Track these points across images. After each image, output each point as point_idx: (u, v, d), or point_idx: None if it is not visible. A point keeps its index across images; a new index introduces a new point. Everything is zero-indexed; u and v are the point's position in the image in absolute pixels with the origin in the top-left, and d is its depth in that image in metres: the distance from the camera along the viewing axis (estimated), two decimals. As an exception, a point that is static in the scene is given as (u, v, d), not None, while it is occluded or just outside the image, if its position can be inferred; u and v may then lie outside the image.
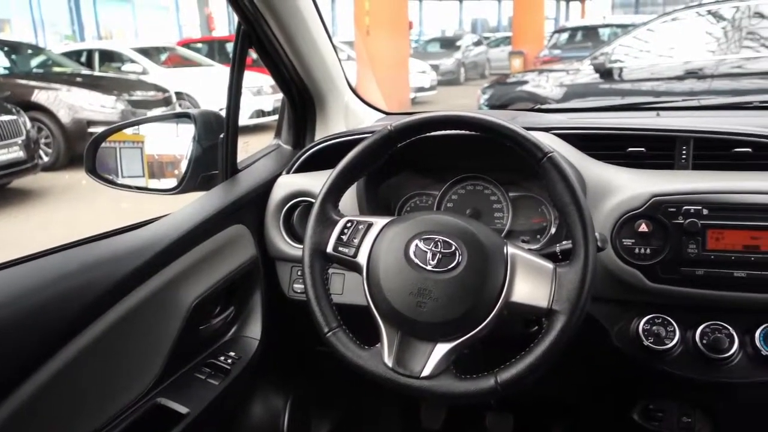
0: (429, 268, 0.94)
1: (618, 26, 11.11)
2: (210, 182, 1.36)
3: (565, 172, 0.95)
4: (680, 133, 1.21)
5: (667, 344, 1.13)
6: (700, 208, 1.09)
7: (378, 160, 1.08)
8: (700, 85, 5.21)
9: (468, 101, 10.64)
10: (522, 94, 6.31)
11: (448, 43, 17.84)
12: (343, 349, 0.98)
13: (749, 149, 1.17)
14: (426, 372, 0.93)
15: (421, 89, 12.31)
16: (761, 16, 5.41)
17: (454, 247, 0.95)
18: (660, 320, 1.15)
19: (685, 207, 1.10)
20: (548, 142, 1.18)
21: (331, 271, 1.34)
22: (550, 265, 0.94)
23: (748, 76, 5.14)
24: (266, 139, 1.63)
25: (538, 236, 1.29)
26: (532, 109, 1.72)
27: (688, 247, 1.10)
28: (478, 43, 18.45)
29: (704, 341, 1.12)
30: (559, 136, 1.25)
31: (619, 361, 1.20)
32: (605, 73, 5.77)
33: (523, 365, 0.90)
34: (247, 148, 1.55)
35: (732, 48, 5.44)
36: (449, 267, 0.94)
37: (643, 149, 1.22)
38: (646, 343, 1.14)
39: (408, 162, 1.34)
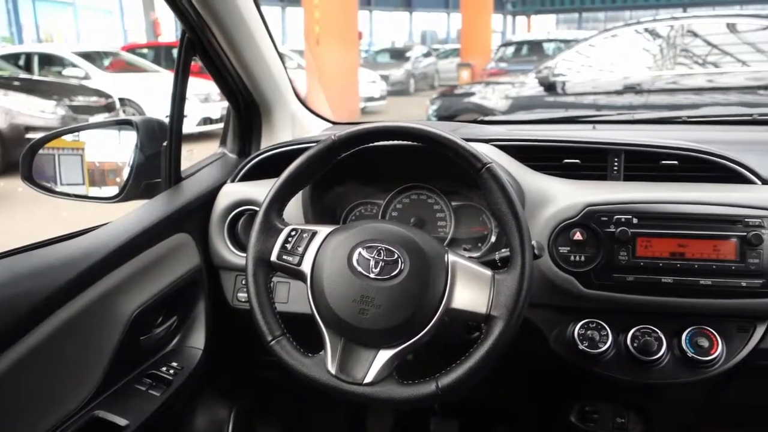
0: (372, 275, 0.96)
1: (561, 41, 11.46)
2: (153, 190, 1.34)
3: (503, 183, 0.98)
4: (612, 146, 1.26)
5: (601, 348, 1.18)
6: (630, 217, 1.15)
7: (322, 169, 1.10)
8: (638, 99, 5.42)
9: (417, 111, 10.75)
10: (469, 106, 6.42)
11: (398, 54, 17.98)
12: (286, 357, 0.99)
13: (676, 162, 1.23)
14: (369, 378, 0.95)
15: (370, 99, 12.36)
16: (694, 34, 5.67)
17: (396, 255, 0.97)
18: (594, 325, 1.19)
19: (616, 216, 1.15)
20: (488, 153, 1.22)
21: (276, 279, 1.34)
22: (488, 273, 0.97)
23: (683, 92, 5.37)
24: (214, 147, 1.62)
25: (480, 244, 1.32)
26: (475, 121, 1.77)
27: (620, 255, 1.15)
28: (427, 55, 18.67)
29: (635, 344, 1.17)
30: (498, 147, 1.29)
31: (556, 364, 1.24)
32: (549, 87, 5.93)
33: (463, 370, 0.93)
34: (191, 156, 1.53)
35: (667, 65, 5.68)
36: (392, 274, 0.95)
37: (577, 161, 1.27)
38: (581, 347, 1.18)
39: (354, 171, 1.36)
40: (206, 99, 8.93)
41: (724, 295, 1.13)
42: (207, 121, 8.99)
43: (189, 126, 8.28)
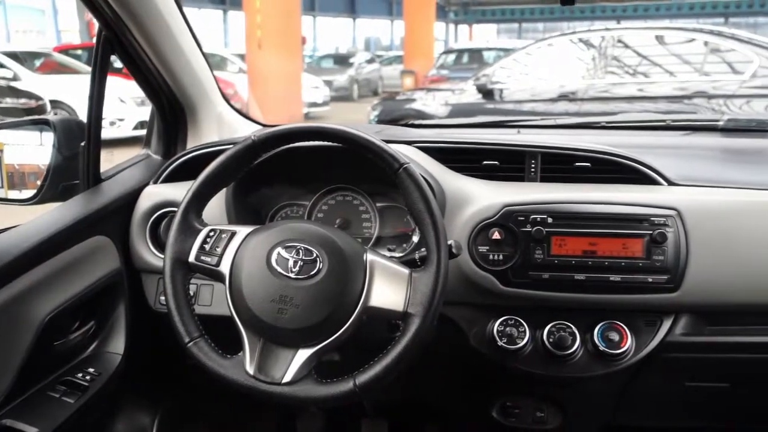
0: (290, 275, 0.96)
1: (501, 50, 11.70)
2: (72, 192, 1.30)
3: (420, 182, 1.00)
4: (529, 148, 1.31)
5: (519, 344, 1.21)
6: (545, 216, 1.19)
7: (243, 170, 1.09)
8: (572, 107, 5.61)
9: (360, 117, 10.78)
10: (410, 112, 6.48)
11: (342, 60, 18.00)
12: (204, 359, 0.98)
13: (589, 164, 1.28)
14: (287, 378, 0.95)
15: (314, 104, 12.32)
16: (625, 45, 5.90)
17: (315, 255, 0.97)
18: (512, 321, 1.23)
19: (532, 216, 1.19)
20: (409, 154, 1.24)
21: (200, 282, 1.33)
22: (405, 271, 0.99)
23: (614, 100, 5.58)
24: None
25: (404, 244, 1.34)
26: (405, 124, 1.80)
27: (535, 253, 1.19)
28: (371, 61, 18.74)
29: (550, 340, 1.21)
30: (421, 149, 1.32)
31: (478, 361, 1.27)
32: (487, 94, 6.06)
33: (380, 367, 0.94)
34: (111, 158, 1.50)
35: (599, 74, 5.89)
36: (310, 274, 0.96)
37: (496, 162, 1.31)
38: (500, 343, 1.22)
39: (280, 172, 1.36)
40: (143, 102, 8.71)
41: (632, 291, 1.18)
42: (144, 124, 8.76)
43: (125, 130, 8.06)
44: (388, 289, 0.98)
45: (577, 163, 1.29)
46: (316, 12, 26.70)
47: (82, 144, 1.29)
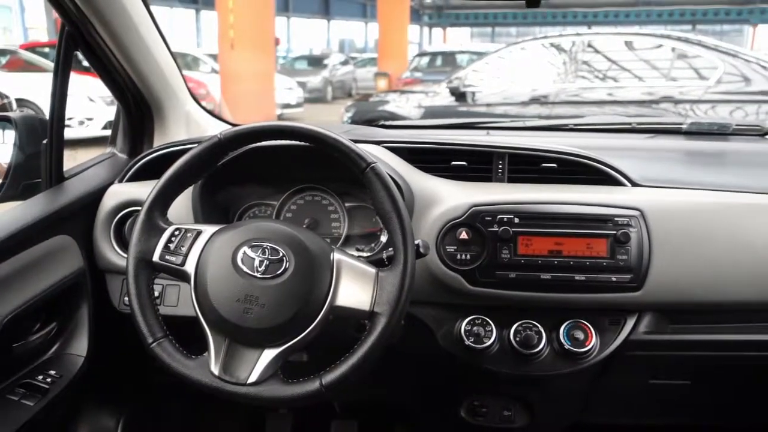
0: (256, 274, 0.95)
1: (474, 53, 11.79)
2: (34, 191, 1.28)
3: (387, 182, 1.00)
4: (496, 149, 1.32)
5: (486, 343, 1.22)
6: (512, 216, 1.20)
7: (208, 168, 1.09)
8: (544, 110, 5.67)
9: (334, 119, 10.75)
10: (384, 114, 6.49)
11: (316, 62, 17.93)
12: (168, 359, 0.97)
13: (555, 165, 1.30)
14: (253, 378, 0.95)
15: (287, 106, 12.26)
16: (595, 50, 6.00)
17: (281, 254, 0.97)
18: (480, 321, 1.24)
19: (499, 216, 1.20)
20: (377, 154, 1.24)
21: (165, 282, 1.31)
22: (372, 270, 0.99)
23: (584, 104, 5.67)
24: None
25: (372, 244, 1.34)
26: (375, 125, 1.80)
27: (502, 253, 1.20)
28: (345, 63, 18.72)
29: (517, 339, 1.22)
30: (389, 149, 1.32)
31: (446, 361, 1.28)
32: (460, 96, 6.10)
33: (347, 366, 0.94)
34: (75, 155, 1.47)
35: (569, 78, 5.98)
36: (276, 273, 0.95)
37: (464, 163, 1.31)
38: (467, 342, 1.22)
39: (250, 172, 1.35)
40: (113, 101, 8.55)
41: (597, 290, 1.20)
42: (114, 124, 8.62)
43: (94, 129, 7.91)
44: (354, 288, 0.98)
45: (543, 164, 1.30)
46: (290, 13, 26.57)
47: (45, 142, 1.26)
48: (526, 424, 1.37)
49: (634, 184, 1.28)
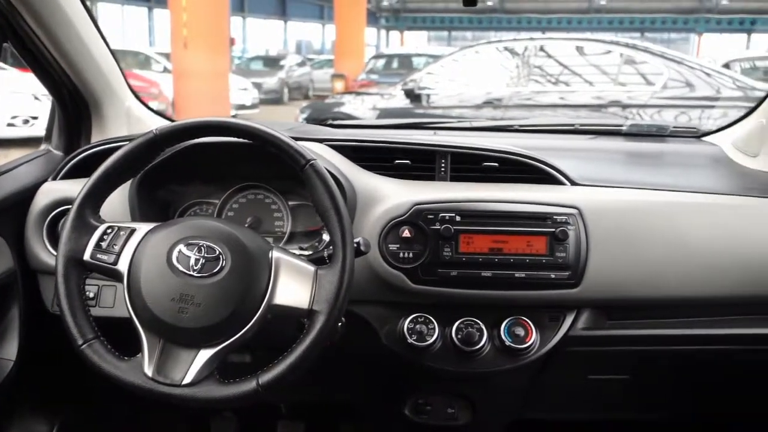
0: (192, 273, 0.94)
1: (430, 56, 11.88)
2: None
3: (326, 179, 1.00)
4: (439, 148, 1.33)
5: (428, 341, 1.23)
6: (453, 215, 1.21)
7: (143, 165, 1.06)
8: (497, 113, 5.76)
9: (289, 120, 10.68)
10: (339, 115, 6.47)
11: (272, 62, 17.76)
12: (98, 361, 0.94)
13: (496, 164, 1.32)
14: (187, 379, 0.93)
15: (242, 107, 12.10)
16: (547, 54, 6.12)
17: (218, 252, 0.96)
18: (422, 319, 1.24)
19: (441, 214, 1.21)
20: (319, 151, 1.24)
21: (102, 283, 1.28)
22: (311, 268, 0.98)
23: (537, 108, 5.77)
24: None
25: (316, 243, 1.33)
26: (325, 124, 1.79)
27: (444, 251, 1.21)
28: (302, 64, 18.60)
29: (459, 336, 1.23)
30: (333, 147, 1.31)
31: (389, 360, 1.28)
32: (415, 99, 6.14)
33: (284, 365, 0.93)
34: (7, 153, 1.42)
35: (522, 82, 6.08)
36: (213, 272, 0.94)
37: (408, 161, 1.32)
38: (410, 340, 1.23)
39: (189, 169, 1.33)
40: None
41: (536, 287, 1.22)
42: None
43: (39, 128, 7.64)
44: (293, 286, 0.97)
45: (485, 163, 1.32)
46: (246, 13, 26.28)
47: None
48: (469, 421, 1.38)
49: (573, 183, 1.31)
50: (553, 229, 1.20)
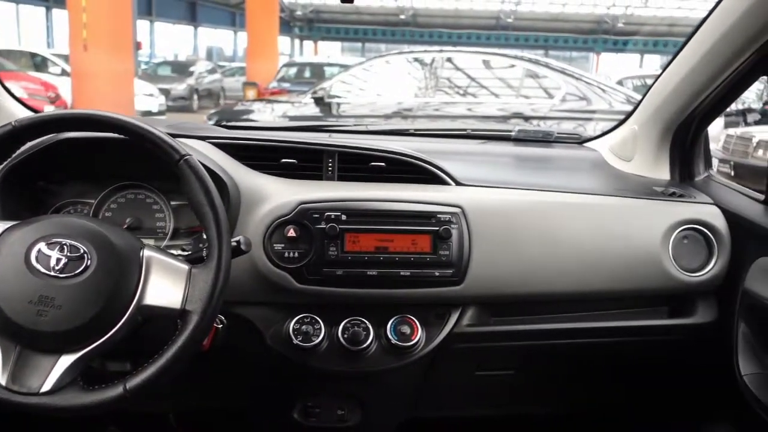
0: (53, 273, 0.89)
1: (342, 66, 11.92)
2: None
3: (201, 175, 0.97)
4: (326, 147, 1.33)
5: (314, 341, 1.22)
6: (339, 214, 1.21)
7: (2, 158, 0.99)
8: (407, 123, 5.85)
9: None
10: (247, 122, 6.38)
11: (181, 68, 17.21)
12: None
13: (383, 163, 1.33)
14: (47, 387, 0.88)
15: (148, 113, 11.65)
16: (454, 66, 6.29)
17: (82, 251, 0.91)
18: (308, 319, 1.23)
19: (327, 213, 1.21)
20: (201, 149, 1.21)
21: None
22: (185, 267, 0.95)
23: (446, 118, 5.92)
24: None
25: (198, 243, 1.29)
26: (216, 123, 1.75)
27: (329, 250, 1.20)
28: (212, 71, 18.14)
29: (345, 336, 1.23)
30: (217, 145, 1.28)
31: (276, 362, 1.26)
32: (325, 107, 6.14)
33: (153, 369, 0.90)
34: None
35: (430, 92, 6.22)
36: (76, 272, 0.89)
37: (294, 161, 1.31)
38: (295, 341, 1.21)
39: (64, 167, 1.26)
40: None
41: (421, 285, 1.23)
42: None
43: None
44: (165, 286, 0.94)
45: (372, 163, 1.32)
46: (154, 17, 25.40)
47: None
48: (359, 422, 1.38)
49: (458, 184, 1.34)
50: (437, 228, 1.23)
